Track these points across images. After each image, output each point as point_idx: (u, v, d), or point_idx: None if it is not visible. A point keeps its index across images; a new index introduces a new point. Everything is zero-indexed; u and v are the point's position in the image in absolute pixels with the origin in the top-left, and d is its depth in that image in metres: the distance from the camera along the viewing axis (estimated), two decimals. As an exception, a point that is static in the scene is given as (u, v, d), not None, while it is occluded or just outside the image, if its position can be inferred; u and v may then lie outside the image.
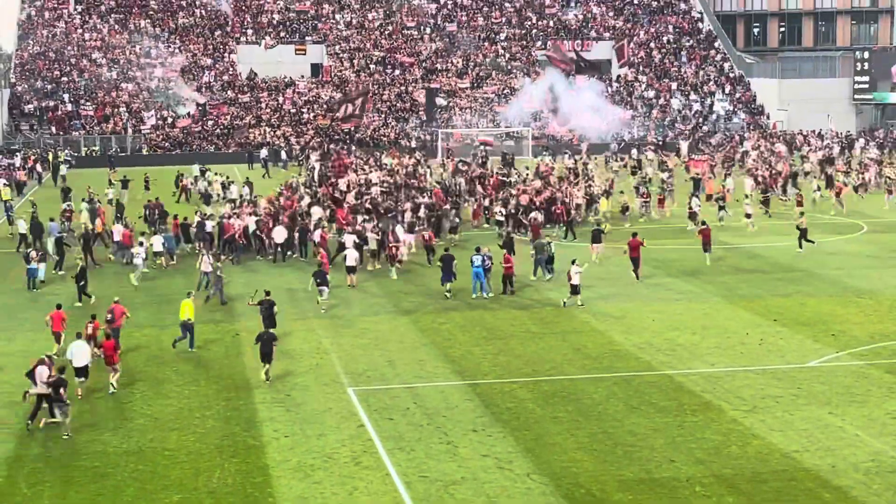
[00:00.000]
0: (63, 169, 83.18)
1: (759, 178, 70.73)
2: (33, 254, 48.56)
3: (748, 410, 30.58)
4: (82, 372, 32.31)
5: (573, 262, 43.45)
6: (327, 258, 47.30)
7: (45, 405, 29.70)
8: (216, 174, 74.23)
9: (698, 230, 52.32)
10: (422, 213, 57.55)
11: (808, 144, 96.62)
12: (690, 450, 27.62)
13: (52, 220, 55.87)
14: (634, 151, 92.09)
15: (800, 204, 62.58)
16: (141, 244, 50.22)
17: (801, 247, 53.17)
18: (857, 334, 38.68)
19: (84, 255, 50.27)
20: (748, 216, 59.52)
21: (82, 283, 44.39)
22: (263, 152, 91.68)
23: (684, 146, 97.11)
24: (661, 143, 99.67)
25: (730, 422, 29.69)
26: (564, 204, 59.28)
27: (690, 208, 59.95)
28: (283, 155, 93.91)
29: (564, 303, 43.04)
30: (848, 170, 78.22)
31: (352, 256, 47.34)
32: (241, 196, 65.27)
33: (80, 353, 32.53)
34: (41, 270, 47.77)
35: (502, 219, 58.04)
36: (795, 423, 29.53)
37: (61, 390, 29.14)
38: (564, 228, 58.05)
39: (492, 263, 45.47)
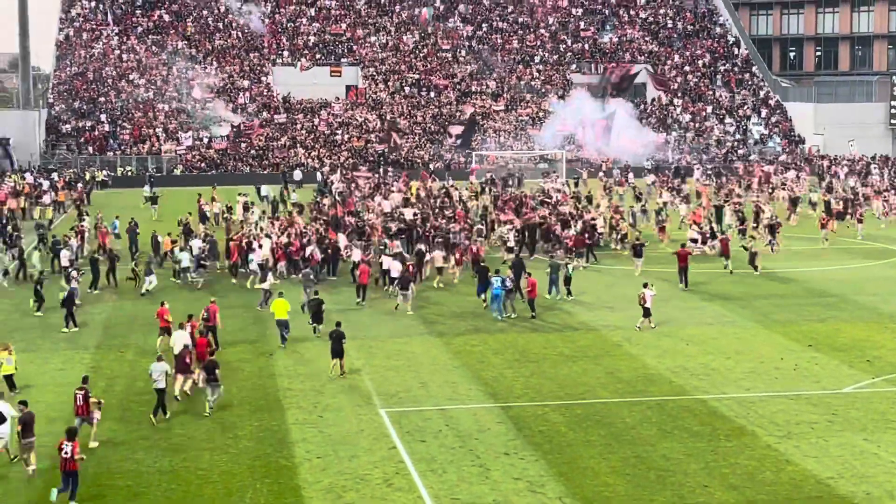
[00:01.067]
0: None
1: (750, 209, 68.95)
2: (74, 273, 48.86)
3: (782, 436, 30.40)
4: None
5: (645, 286, 43.57)
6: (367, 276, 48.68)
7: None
8: (239, 194, 74.32)
9: (675, 251, 52.17)
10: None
11: (829, 172, 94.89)
12: (724, 475, 27.47)
13: (62, 240, 56.20)
14: (631, 175, 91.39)
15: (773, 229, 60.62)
16: (182, 249, 52.44)
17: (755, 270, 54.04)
18: (893, 360, 38.40)
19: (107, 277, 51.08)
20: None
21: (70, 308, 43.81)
22: (297, 174, 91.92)
23: (697, 172, 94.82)
24: (674, 168, 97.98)
25: (764, 447, 29.51)
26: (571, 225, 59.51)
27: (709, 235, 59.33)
28: (319, 176, 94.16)
29: (639, 327, 43.02)
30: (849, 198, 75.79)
31: (395, 269, 49.05)
32: (262, 215, 65.80)
33: (180, 341, 35.70)
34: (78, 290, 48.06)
35: (512, 244, 57.45)
36: (830, 449, 29.34)
37: (216, 371, 32.44)
38: (585, 252, 57.69)
39: (513, 285, 45.91)
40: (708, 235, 60.19)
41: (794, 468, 27.96)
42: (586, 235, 57.74)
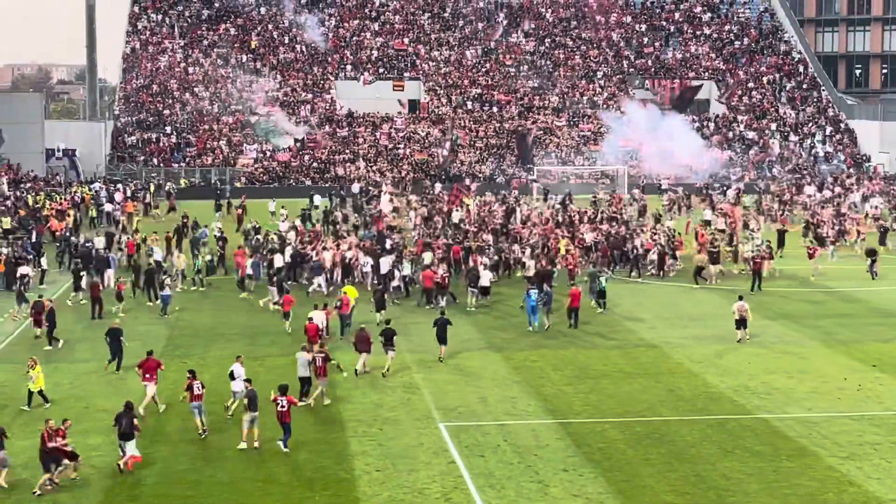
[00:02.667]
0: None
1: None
2: (168, 280, 49.42)
3: (845, 457, 30.08)
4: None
5: (740, 298, 44.31)
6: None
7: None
8: (282, 207, 74.44)
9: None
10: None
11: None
12: (785, 496, 27.22)
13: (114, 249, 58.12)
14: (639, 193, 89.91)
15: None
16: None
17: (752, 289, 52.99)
18: (959, 382, 37.92)
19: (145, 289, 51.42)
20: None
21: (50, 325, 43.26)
22: (356, 187, 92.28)
23: (731, 192, 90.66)
24: (710, 188, 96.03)
25: (826, 468, 29.22)
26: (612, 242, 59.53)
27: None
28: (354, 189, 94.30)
29: (739, 339, 43.36)
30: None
31: (486, 277, 50.71)
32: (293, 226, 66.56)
33: (318, 320, 40.85)
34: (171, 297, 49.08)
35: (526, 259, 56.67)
36: (893, 470, 29.01)
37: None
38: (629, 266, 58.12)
39: (549, 299, 46.57)
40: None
41: (857, 490, 27.66)
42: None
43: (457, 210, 72.19)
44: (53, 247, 62.51)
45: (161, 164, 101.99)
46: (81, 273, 52.51)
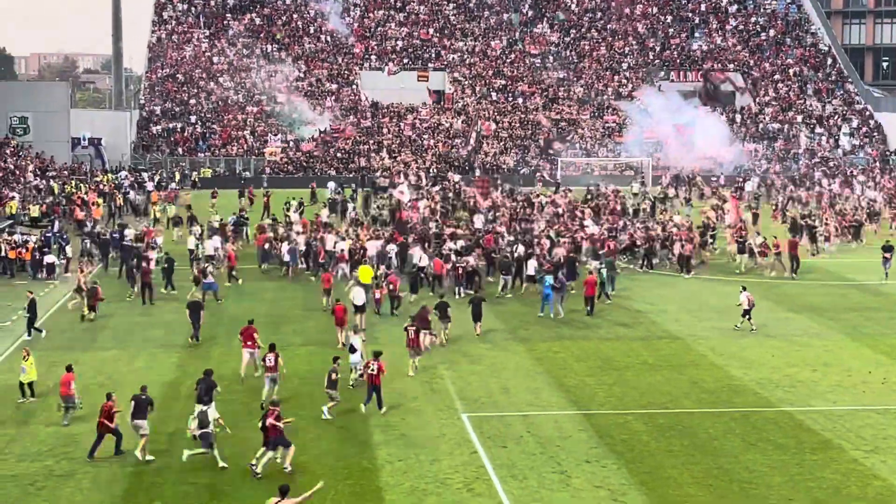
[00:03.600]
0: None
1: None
2: (210, 268, 49.69)
3: (869, 451, 29.96)
4: (361, 309, 42.78)
5: (743, 289, 44.76)
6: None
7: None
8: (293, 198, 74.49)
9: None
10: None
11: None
12: (809, 489, 27.13)
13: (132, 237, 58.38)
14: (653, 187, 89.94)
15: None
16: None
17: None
18: None
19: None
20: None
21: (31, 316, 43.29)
22: (331, 185, 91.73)
23: (748, 185, 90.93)
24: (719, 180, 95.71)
25: (850, 461, 29.11)
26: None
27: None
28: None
29: (752, 329, 43.86)
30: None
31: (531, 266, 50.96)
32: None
33: (359, 294, 42.87)
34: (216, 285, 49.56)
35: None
36: (918, 465, 28.88)
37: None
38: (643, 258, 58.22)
39: (563, 287, 47.14)
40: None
41: (881, 483, 27.54)
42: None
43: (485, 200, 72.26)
44: (76, 237, 62.66)
45: (186, 154, 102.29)
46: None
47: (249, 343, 36.61)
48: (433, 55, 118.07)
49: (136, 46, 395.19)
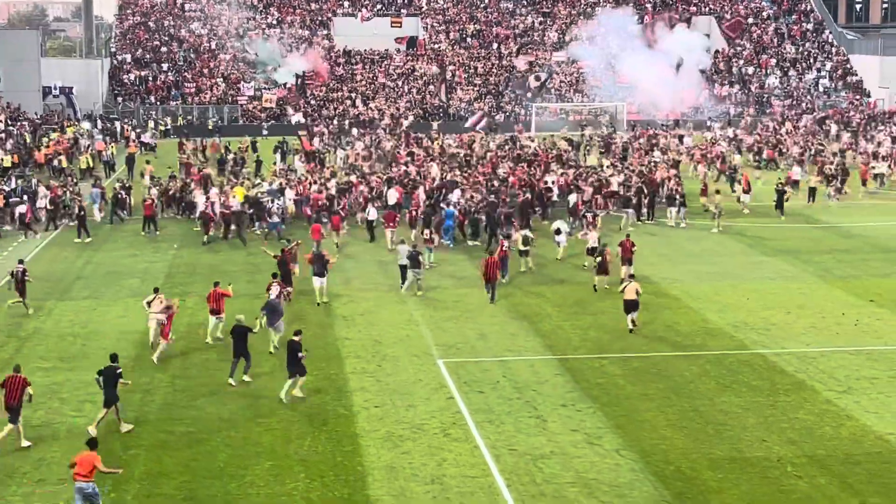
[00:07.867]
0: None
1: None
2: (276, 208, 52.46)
3: (843, 391, 30.19)
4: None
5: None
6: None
7: None
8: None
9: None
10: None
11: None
12: (783, 430, 27.33)
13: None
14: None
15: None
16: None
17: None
18: (957, 317, 37.98)
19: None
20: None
21: None
22: (354, 132, 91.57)
23: (716, 128, 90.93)
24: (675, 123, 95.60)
25: (823, 402, 29.33)
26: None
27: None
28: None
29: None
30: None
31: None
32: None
33: (403, 251, 41.87)
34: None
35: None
36: (891, 404, 29.10)
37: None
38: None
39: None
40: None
41: (854, 423, 27.77)
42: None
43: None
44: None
45: (159, 102, 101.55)
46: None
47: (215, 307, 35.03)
48: (406, 1, 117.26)
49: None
